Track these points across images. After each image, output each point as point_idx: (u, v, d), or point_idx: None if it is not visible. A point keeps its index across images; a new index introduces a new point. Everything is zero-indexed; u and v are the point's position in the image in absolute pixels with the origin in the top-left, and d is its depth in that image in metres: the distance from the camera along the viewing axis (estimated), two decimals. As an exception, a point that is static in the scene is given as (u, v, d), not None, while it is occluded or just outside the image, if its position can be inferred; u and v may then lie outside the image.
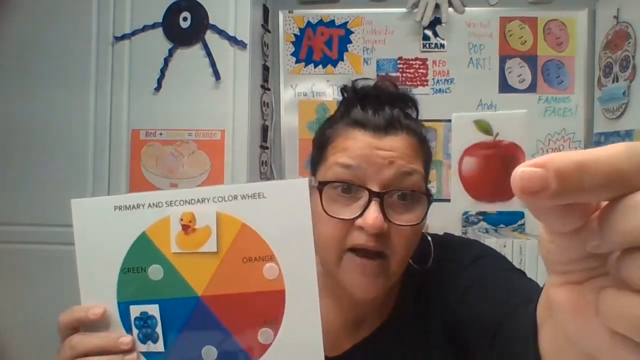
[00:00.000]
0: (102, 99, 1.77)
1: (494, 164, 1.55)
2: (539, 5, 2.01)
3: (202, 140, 1.75)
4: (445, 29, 2.01)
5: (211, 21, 1.75)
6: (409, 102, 0.66)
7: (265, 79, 1.98)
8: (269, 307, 0.50)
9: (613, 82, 1.81)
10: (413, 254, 0.63)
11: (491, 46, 2.02)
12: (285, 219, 0.50)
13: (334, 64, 2.05)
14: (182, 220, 0.50)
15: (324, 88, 2.06)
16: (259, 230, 0.50)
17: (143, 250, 0.51)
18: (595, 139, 1.95)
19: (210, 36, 1.74)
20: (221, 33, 1.74)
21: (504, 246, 1.71)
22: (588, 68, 1.98)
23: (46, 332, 1.77)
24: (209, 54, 1.73)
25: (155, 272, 0.51)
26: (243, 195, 0.50)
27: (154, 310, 0.51)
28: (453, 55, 2.02)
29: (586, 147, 1.99)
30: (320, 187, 0.61)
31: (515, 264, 1.73)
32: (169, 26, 1.76)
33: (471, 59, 2.02)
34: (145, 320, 0.51)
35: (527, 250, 1.70)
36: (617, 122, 1.79)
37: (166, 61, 1.75)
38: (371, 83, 0.67)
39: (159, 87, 1.75)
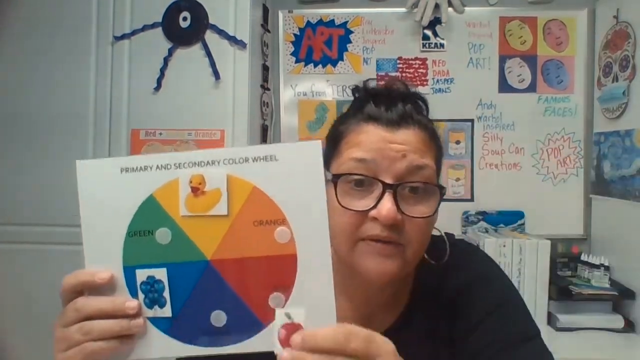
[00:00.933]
0: (102, 98, 1.77)
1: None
2: (539, 5, 2.01)
3: (201, 140, 1.75)
4: (445, 29, 2.01)
5: (211, 21, 1.74)
6: (419, 100, 0.68)
7: (265, 79, 1.98)
8: (280, 271, 0.49)
9: (613, 81, 1.81)
10: (428, 248, 0.65)
11: (491, 46, 2.02)
12: (298, 181, 0.48)
13: (334, 64, 2.05)
14: (191, 182, 0.49)
15: (324, 88, 2.06)
16: (271, 194, 0.49)
17: (150, 213, 0.50)
18: (595, 139, 1.95)
19: (210, 36, 1.74)
20: (221, 33, 1.74)
21: (504, 246, 1.71)
22: (588, 68, 1.98)
23: (46, 331, 1.77)
24: (208, 54, 1.73)
25: (163, 235, 0.50)
26: (254, 158, 0.49)
27: (161, 274, 0.49)
28: (453, 55, 2.02)
29: (586, 147, 1.99)
30: (334, 180, 0.62)
31: (515, 263, 1.75)
32: (169, 26, 1.76)
33: (471, 58, 2.02)
34: (152, 285, 0.49)
35: (527, 250, 1.70)
36: (616, 121, 1.79)
37: (166, 61, 1.75)
38: (381, 83, 0.69)
39: (158, 87, 1.75)
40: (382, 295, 0.67)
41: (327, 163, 0.67)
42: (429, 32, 2.03)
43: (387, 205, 0.58)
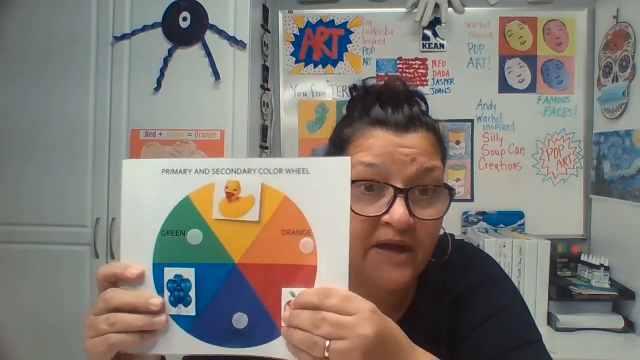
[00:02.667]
0: (102, 98, 1.77)
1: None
2: (539, 5, 2.01)
3: (201, 140, 1.75)
4: (445, 29, 2.01)
5: (211, 21, 1.74)
6: (421, 99, 0.69)
7: (265, 79, 1.98)
8: (300, 280, 0.50)
9: (613, 82, 1.81)
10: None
11: (491, 46, 2.02)
12: (326, 195, 0.50)
13: (334, 64, 2.05)
14: (227, 187, 0.51)
15: (324, 88, 2.06)
16: (300, 205, 0.51)
17: (185, 214, 0.52)
18: (595, 139, 1.95)
19: (209, 36, 1.74)
20: (221, 33, 1.74)
21: (504, 246, 1.71)
22: (588, 68, 1.98)
23: (46, 331, 1.77)
24: (208, 54, 1.73)
25: (194, 236, 0.51)
26: (288, 169, 0.51)
27: (188, 273, 0.51)
28: (453, 55, 2.02)
29: (586, 147, 1.99)
30: None
31: (515, 264, 1.74)
32: (169, 26, 1.76)
33: (471, 59, 2.02)
34: (178, 283, 0.51)
35: (527, 250, 1.70)
36: (616, 122, 1.79)
37: (166, 61, 1.75)
38: (380, 82, 0.70)
39: (158, 87, 1.75)
40: (390, 298, 0.68)
41: None
42: (428, 32, 2.03)
43: (399, 210, 0.59)
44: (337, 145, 0.67)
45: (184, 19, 1.75)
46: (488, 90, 2.02)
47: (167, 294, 0.51)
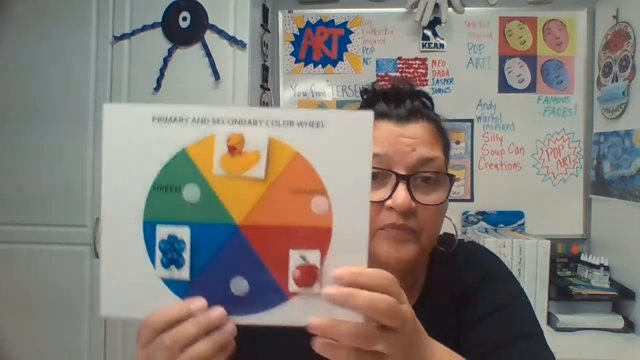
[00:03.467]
0: (102, 98, 1.77)
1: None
2: (539, 5, 2.01)
3: (201, 140, 1.75)
4: (445, 29, 2.01)
5: (211, 21, 1.74)
6: (425, 97, 0.72)
7: (265, 79, 1.98)
8: (312, 243, 0.46)
9: (612, 82, 1.81)
10: (439, 239, 0.69)
11: (491, 46, 2.02)
12: (344, 152, 0.46)
13: (334, 64, 2.05)
14: (229, 141, 0.46)
15: (324, 88, 2.06)
16: (313, 162, 0.46)
17: (180, 169, 0.46)
18: (594, 139, 1.95)
19: (209, 36, 1.74)
20: (221, 33, 1.74)
21: (504, 246, 1.71)
22: (587, 68, 1.98)
23: (46, 331, 1.77)
24: (208, 54, 1.73)
25: (191, 192, 0.46)
26: (300, 122, 0.46)
27: (183, 233, 0.46)
28: (452, 55, 2.02)
29: (586, 147, 1.99)
30: None
31: (515, 264, 1.74)
32: (169, 26, 1.76)
33: (471, 58, 2.02)
34: (172, 244, 0.46)
35: (527, 250, 1.70)
36: (616, 121, 1.79)
37: (166, 61, 1.75)
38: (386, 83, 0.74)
39: (158, 87, 1.75)
40: (401, 283, 0.69)
41: None
42: (428, 32, 2.03)
43: (401, 194, 0.62)
44: None
45: (184, 19, 1.75)
46: (488, 90, 2.02)
47: (159, 255, 0.46)
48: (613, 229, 1.83)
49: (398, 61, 2.04)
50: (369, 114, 0.46)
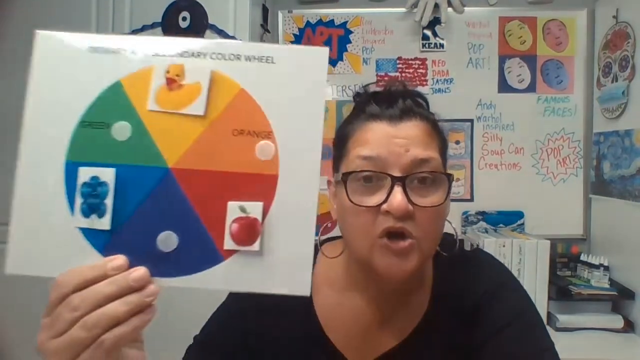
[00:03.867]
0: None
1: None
2: (539, 5, 2.01)
3: (201, 140, 1.75)
4: (445, 29, 2.01)
5: (210, 21, 1.74)
6: (419, 97, 0.70)
7: (265, 79, 1.98)
8: (254, 193, 0.41)
9: (612, 81, 1.81)
10: (440, 243, 0.66)
11: (490, 46, 2.02)
12: (295, 91, 0.42)
13: (334, 64, 2.05)
14: (168, 72, 0.42)
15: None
16: (260, 100, 0.42)
17: (112, 103, 0.42)
18: (594, 139, 1.95)
19: (209, 36, 1.74)
20: (220, 33, 1.74)
21: (503, 246, 1.71)
22: (587, 68, 1.98)
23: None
24: (208, 54, 1.73)
25: (120, 130, 0.41)
26: (248, 57, 0.42)
27: (107, 175, 0.41)
28: (452, 55, 2.02)
29: (586, 147, 1.99)
30: (344, 178, 0.63)
31: (515, 264, 1.74)
32: (168, 26, 1.75)
33: (470, 58, 2.02)
34: (94, 188, 0.41)
35: (526, 250, 1.70)
36: (616, 121, 1.79)
37: (165, 61, 1.75)
38: (382, 88, 0.71)
39: (158, 87, 1.75)
40: (402, 294, 0.68)
41: (336, 165, 0.68)
42: (428, 32, 2.03)
43: (397, 197, 0.59)
44: (338, 144, 0.69)
45: (184, 18, 1.75)
46: (488, 90, 2.02)
47: (79, 200, 0.41)
48: (613, 229, 1.83)
49: (398, 61, 2.04)
50: (324, 49, 0.43)
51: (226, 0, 1.74)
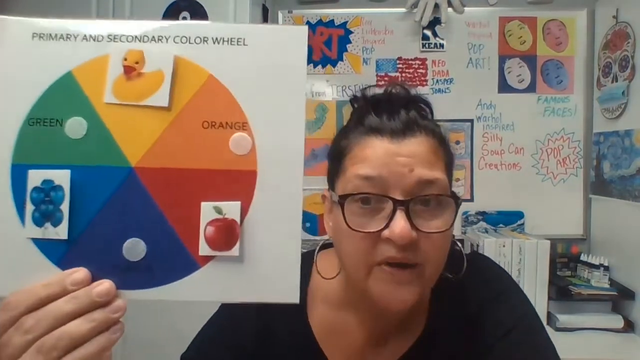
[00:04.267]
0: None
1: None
2: (539, 5, 2.01)
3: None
4: (445, 29, 2.01)
5: (210, 21, 1.74)
6: (422, 105, 0.64)
7: (265, 79, 1.98)
8: (231, 192, 0.37)
9: (612, 82, 1.81)
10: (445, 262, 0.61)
11: (490, 46, 2.02)
12: (271, 76, 0.37)
13: (334, 64, 2.05)
14: (125, 59, 0.37)
15: (324, 88, 2.06)
16: (232, 88, 0.37)
17: (63, 96, 0.37)
18: (594, 139, 1.95)
19: (209, 36, 1.74)
20: (220, 33, 1.74)
21: (503, 246, 1.71)
22: (587, 68, 1.98)
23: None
24: (208, 54, 1.73)
25: (75, 126, 0.37)
26: (216, 39, 0.37)
27: (62, 178, 0.36)
28: (452, 55, 2.02)
29: (586, 147, 1.99)
30: (341, 201, 0.57)
31: (515, 264, 1.74)
32: (169, 26, 1.76)
33: (470, 59, 2.02)
34: (47, 193, 0.36)
35: (526, 250, 1.70)
36: (616, 121, 1.79)
37: (165, 61, 1.75)
38: (381, 90, 0.65)
39: (158, 87, 1.75)
40: (398, 317, 0.65)
41: (332, 182, 0.63)
42: (428, 32, 2.03)
43: (400, 223, 0.53)
44: (334, 158, 0.63)
45: (184, 18, 1.75)
46: (488, 90, 2.02)
47: (30, 208, 0.36)
48: (613, 229, 1.83)
49: (398, 61, 2.04)
50: (303, 27, 0.39)
51: (226, 0, 1.75)
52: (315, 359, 0.66)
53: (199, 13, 1.74)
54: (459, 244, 0.66)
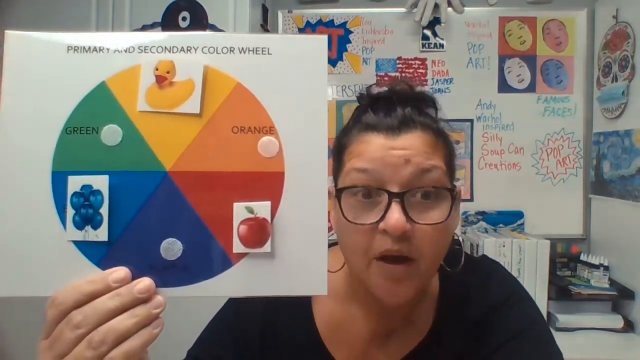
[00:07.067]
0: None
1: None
2: (538, 5, 2.01)
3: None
4: (445, 29, 2.01)
5: (210, 21, 1.74)
6: (424, 101, 0.65)
7: (265, 79, 1.98)
8: (261, 193, 0.39)
9: (612, 81, 1.81)
10: (447, 257, 0.62)
11: (490, 46, 2.02)
12: (295, 82, 0.40)
13: (333, 64, 2.05)
14: (157, 69, 0.39)
15: (323, 88, 2.06)
16: (259, 95, 0.39)
17: (98, 106, 0.39)
18: (594, 139, 1.95)
19: (209, 36, 1.74)
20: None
21: (503, 246, 1.71)
22: (587, 68, 1.98)
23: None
24: (208, 54, 1.73)
25: (110, 134, 0.39)
26: (242, 49, 0.40)
27: (100, 183, 0.38)
28: (452, 55, 2.02)
29: (585, 146, 1.99)
30: (338, 194, 0.59)
31: (514, 263, 1.74)
32: (168, 26, 1.75)
33: (470, 58, 2.02)
34: (86, 197, 0.38)
35: (526, 250, 1.70)
36: (616, 121, 1.79)
37: (165, 61, 1.75)
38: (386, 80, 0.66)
39: (158, 87, 1.75)
40: (401, 312, 0.65)
41: (335, 178, 0.64)
42: (428, 32, 2.03)
43: (394, 215, 0.54)
44: (335, 155, 0.65)
45: (184, 18, 1.75)
46: (488, 90, 2.02)
47: (70, 212, 0.38)
48: (613, 229, 1.83)
49: (398, 61, 2.04)
50: (323, 37, 0.40)
51: (226, 0, 1.74)
52: (319, 354, 0.67)
53: (198, 13, 1.74)
54: (461, 242, 0.67)
